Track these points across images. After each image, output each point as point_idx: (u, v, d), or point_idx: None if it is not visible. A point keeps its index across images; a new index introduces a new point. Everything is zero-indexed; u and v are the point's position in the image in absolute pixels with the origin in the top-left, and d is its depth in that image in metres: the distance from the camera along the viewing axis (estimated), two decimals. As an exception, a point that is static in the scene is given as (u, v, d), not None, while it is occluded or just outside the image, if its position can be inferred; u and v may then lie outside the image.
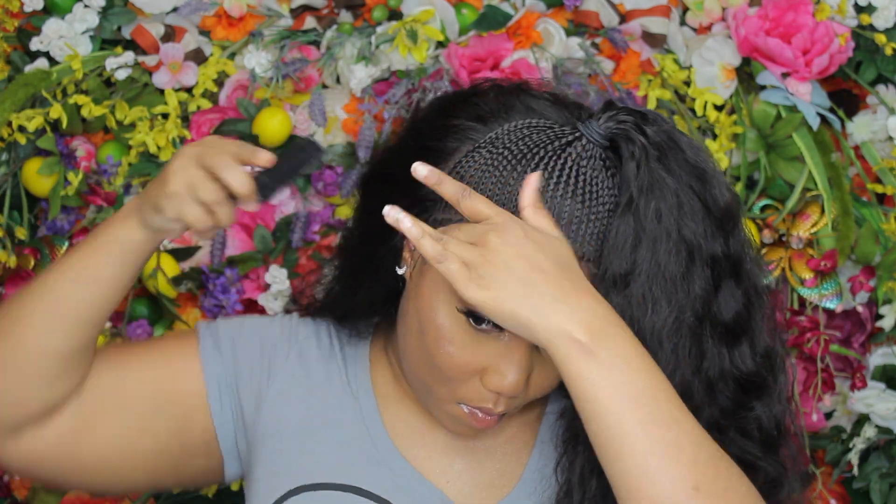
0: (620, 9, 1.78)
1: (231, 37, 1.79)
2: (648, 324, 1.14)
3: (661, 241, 1.13)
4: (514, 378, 1.17)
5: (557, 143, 1.16)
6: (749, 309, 1.20)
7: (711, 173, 1.17)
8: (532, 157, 1.15)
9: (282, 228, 1.78)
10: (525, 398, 1.21)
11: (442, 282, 1.16)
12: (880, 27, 1.77)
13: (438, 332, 1.17)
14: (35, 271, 1.74)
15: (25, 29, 1.78)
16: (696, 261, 1.15)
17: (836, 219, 1.77)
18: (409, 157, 1.20)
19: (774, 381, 1.23)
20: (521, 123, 1.19)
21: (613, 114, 1.18)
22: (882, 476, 1.83)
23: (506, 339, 1.17)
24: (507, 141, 1.17)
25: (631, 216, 1.13)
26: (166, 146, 1.75)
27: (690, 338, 1.16)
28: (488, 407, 1.20)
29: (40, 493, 1.83)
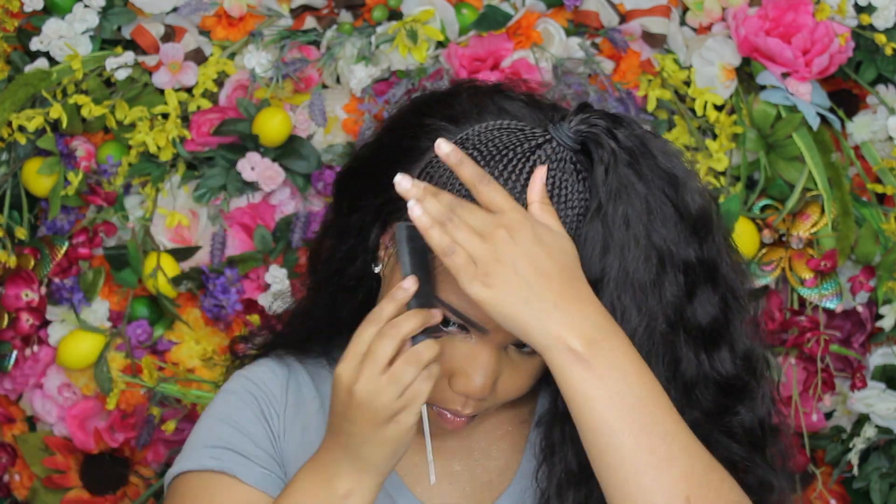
0: (620, 9, 1.78)
1: (231, 37, 1.79)
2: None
3: (630, 247, 1.11)
4: (481, 381, 1.15)
5: (527, 144, 1.14)
6: (727, 313, 1.18)
7: (684, 179, 1.14)
8: (500, 159, 1.13)
9: (282, 228, 1.78)
10: (495, 400, 1.20)
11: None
12: (880, 27, 1.77)
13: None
14: (35, 271, 1.74)
15: (25, 29, 1.78)
16: (668, 267, 1.13)
17: (836, 219, 1.77)
18: (385, 156, 1.19)
19: (757, 383, 1.21)
20: (492, 125, 1.17)
21: (586, 117, 1.15)
22: (882, 476, 1.83)
23: (472, 342, 1.16)
24: (476, 142, 1.15)
25: (599, 222, 1.11)
26: (166, 146, 1.75)
27: (663, 345, 1.14)
28: (456, 409, 1.18)
29: (40, 493, 1.83)
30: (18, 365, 1.79)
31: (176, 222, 1.77)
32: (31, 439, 1.84)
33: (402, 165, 1.17)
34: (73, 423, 1.79)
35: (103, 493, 1.84)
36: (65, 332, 1.77)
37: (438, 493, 1.27)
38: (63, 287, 1.75)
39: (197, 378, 1.77)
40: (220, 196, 1.77)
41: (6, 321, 1.75)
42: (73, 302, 1.76)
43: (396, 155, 1.18)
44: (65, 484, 1.83)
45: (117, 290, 1.78)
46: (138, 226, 1.77)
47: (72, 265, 1.74)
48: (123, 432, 1.79)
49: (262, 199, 1.78)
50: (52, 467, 1.82)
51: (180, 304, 1.78)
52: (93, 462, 1.83)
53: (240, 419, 1.26)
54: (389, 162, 1.19)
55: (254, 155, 1.75)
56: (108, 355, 1.77)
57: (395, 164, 1.18)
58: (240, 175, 1.75)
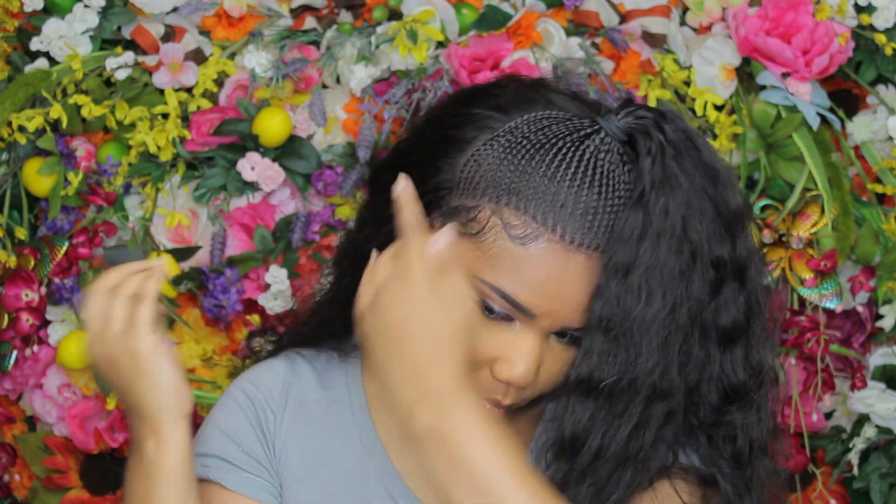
0: (620, 9, 1.78)
1: (231, 37, 1.79)
2: (640, 315, 1.14)
3: (665, 236, 1.14)
4: (524, 368, 1.17)
5: (576, 134, 1.17)
6: (749, 318, 1.20)
7: (725, 176, 1.17)
8: (550, 148, 1.16)
9: (282, 228, 1.78)
10: (534, 390, 1.21)
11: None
12: (880, 27, 1.77)
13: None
14: (35, 271, 1.74)
15: (25, 29, 1.78)
16: (698, 262, 1.15)
17: (836, 219, 1.77)
18: (427, 147, 1.20)
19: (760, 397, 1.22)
20: (541, 115, 1.19)
21: (633, 110, 1.18)
22: (882, 476, 1.83)
23: (517, 328, 1.17)
24: (526, 131, 1.18)
25: (640, 210, 1.14)
26: (166, 146, 1.75)
27: (681, 337, 1.16)
28: (497, 399, 1.20)
29: (40, 493, 1.83)
30: (18, 365, 1.79)
31: (176, 222, 1.77)
32: (31, 439, 1.84)
33: (447, 156, 1.19)
34: (73, 423, 1.79)
35: (103, 493, 1.84)
36: (65, 332, 1.77)
37: None
38: (63, 287, 1.75)
39: (197, 378, 1.77)
40: (220, 196, 1.77)
41: (6, 321, 1.75)
42: (73, 302, 1.76)
43: (441, 146, 1.20)
44: (65, 484, 1.83)
45: (117, 290, 1.78)
46: (138, 226, 1.77)
47: (72, 265, 1.74)
48: (123, 432, 1.79)
49: (262, 199, 1.78)
50: (52, 467, 1.82)
51: (180, 304, 1.78)
52: (93, 462, 1.83)
53: (231, 425, 1.28)
54: (433, 153, 1.21)
55: (254, 155, 1.75)
56: (108, 355, 1.77)
57: (439, 154, 1.20)
58: (240, 175, 1.75)
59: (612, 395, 1.16)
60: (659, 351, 1.15)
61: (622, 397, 1.16)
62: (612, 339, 1.15)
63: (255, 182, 1.76)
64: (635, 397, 1.16)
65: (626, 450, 1.17)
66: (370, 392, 1.30)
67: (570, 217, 1.14)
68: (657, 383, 1.15)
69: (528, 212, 1.14)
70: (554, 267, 1.14)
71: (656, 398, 1.16)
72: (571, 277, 1.15)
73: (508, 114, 1.20)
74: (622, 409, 1.16)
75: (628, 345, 1.14)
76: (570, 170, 1.15)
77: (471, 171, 1.18)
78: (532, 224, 1.14)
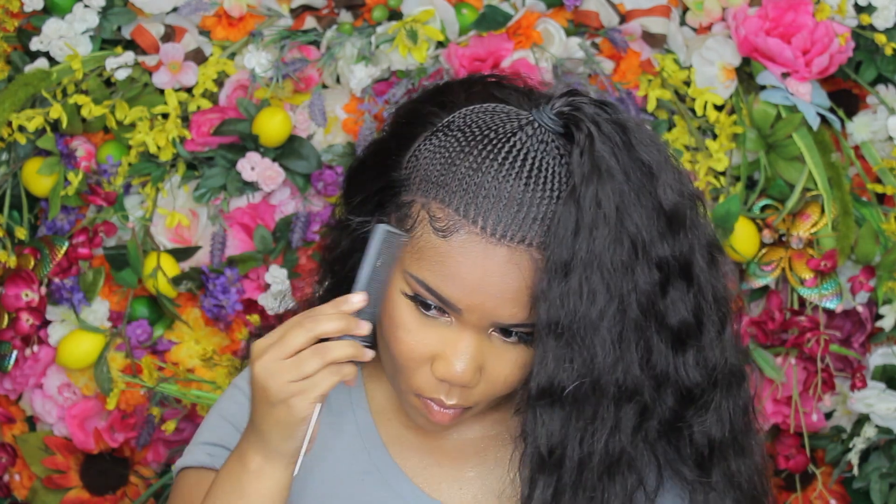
0: (620, 9, 1.78)
1: (231, 37, 1.79)
2: (586, 315, 1.12)
3: (599, 228, 1.11)
4: (461, 366, 1.15)
5: (509, 125, 1.15)
6: (699, 317, 1.17)
7: (658, 171, 1.14)
8: (481, 140, 1.14)
9: (282, 228, 1.78)
10: (484, 392, 1.19)
11: (398, 268, 1.16)
12: (880, 27, 1.77)
13: (391, 319, 1.17)
14: (35, 271, 1.74)
15: (25, 29, 1.78)
16: (640, 255, 1.13)
17: (836, 219, 1.77)
18: (384, 146, 1.22)
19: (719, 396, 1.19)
20: (478, 108, 1.18)
21: (570, 100, 1.15)
22: (882, 476, 1.83)
23: (453, 327, 1.16)
24: (460, 124, 1.17)
25: (572, 203, 1.11)
26: (166, 146, 1.75)
27: (635, 331, 1.13)
28: (440, 398, 1.18)
29: (40, 493, 1.83)
30: (18, 365, 1.79)
31: (176, 222, 1.77)
32: (31, 439, 1.84)
33: (398, 154, 1.19)
34: (73, 423, 1.79)
35: (103, 493, 1.84)
36: (65, 332, 1.77)
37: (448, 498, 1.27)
38: (63, 287, 1.75)
39: (197, 378, 1.77)
40: (220, 196, 1.77)
41: (6, 321, 1.75)
42: (73, 302, 1.76)
43: (393, 143, 1.21)
44: (65, 484, 1.83)
45: (117, 290, 1.78)
46: (138, 226, 1.77)
47: (72, 265, 1.74)
48: (123, 432, 1.79)
49: (262, 199, 1.78)
50: (52, 467, 1.82)
51: (180, 304, 1.78)
52: (93, 462, 1.83)
53: (236, 414, 1.27)
54: (387, 151, 1.21)
55: (254, 155, 1.75)
56: (108, 355, 1.77)
57: (391, 152, 1.20)
58: (240, 175, 1.75)
59: (577, 400, 1.14)
60: (615, 348, 1.12)
61: (589, 401, 1.14)
62: (565, 342, 1.12)
63: (255, 182, 1.76)
64: (602, 399, 1.14)
65: (608, 455, 1.15)
66: (371, 393, 1.30)
67: (493, 209, 1.12)
68: (621, 382, 1.13)
69: (452, 204, 1.13)
70: (474, 260, 1.13)
71: (624, 397, 1.14)
72: (494, 270, 1.13)
73: (447, 109, 1.20)
74: (592, 414, 1.14)
75: (582, 346, 1.12)
76: (496, 161, 1.13)
77: (410, 168, 1.18)
78: (454, 216, 1.13)
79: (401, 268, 1.16)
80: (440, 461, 1.28)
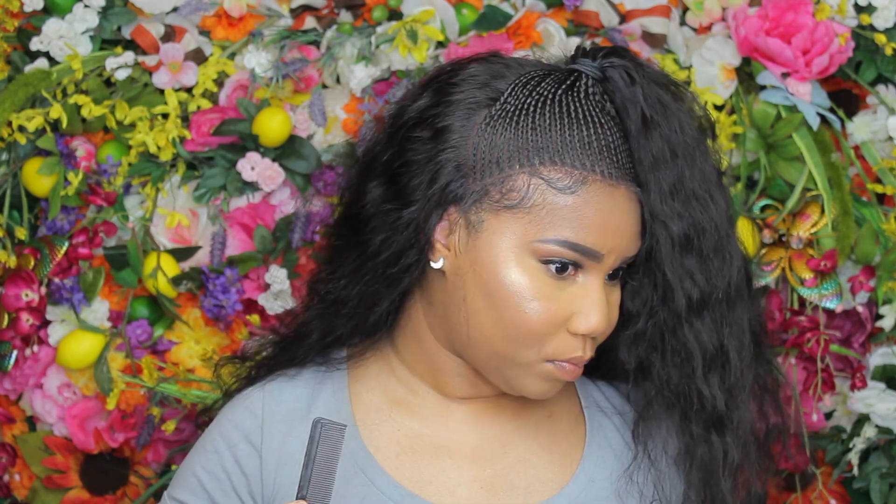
0: (620, 9, 1.78)
1: (231, 37, 1.79)
2: (709, 219, 1.22)
3: (686, 147, 1.22)
4: (599, 316, 1.21)
5: (564, 84, 1.22)
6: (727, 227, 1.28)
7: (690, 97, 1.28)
8: (550, 102, 1.21)
9: (282, 228, 1.78)
10: (602, 337, 1.26)
11: (509, 245, 1.20)
12: (880, 27, 1.77)
13: (518, 293, 1.20)
14: (35, 271, 1.74)
15: (25, 29, 1.78)
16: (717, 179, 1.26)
17: (836, 219, 1.77)
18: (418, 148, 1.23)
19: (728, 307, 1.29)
20: (521, 80, 1.24)
21: (598, 52, 1.25)
22: (882, 476, 1.83)
23: (579, 281, 1.22)
24: (519, 97, 1.22)
25: (657, 133, 1.21)
26: (166, 146, 1.75)
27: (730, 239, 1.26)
28: (578, 355, 1.23)
29: (40, 493, 1.83)
30: (18, 365, 1.79)
31: (176, 222, 1.77)
32: (31, 439, 1.84)
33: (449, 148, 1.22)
34: (73, 423, 1.79)
35: (103, 493, 1.84)
36: (65, 332, 1.77)
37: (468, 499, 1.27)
38: (63, 287, 1.75)
39: (197, 378, 1.77)
40: (220, 196, 1.77)
41: (6, 321, 1.75)
42: (73, 302, 1.76)
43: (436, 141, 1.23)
44: (65, 484, 1.83)
45: (117, 290, 1.78)
46: (138, 226, 1.77)
47: (72, 265, 1.74)
48: (123, 432, 1.79)
49: (262, 199, 1.78)
50: (52, 467, 1.82)
51: (180, 304, 1.78)
52: (93, 462, 1.83)
53: (204, 471, 1.30)
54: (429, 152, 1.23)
55: (254, 155, 1.75)
56: (108, 355, 1.77)
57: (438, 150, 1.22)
58: (240, 175, 1.75)
59: (724, 301, 1.24)
60: (730, 248, 1.24)
61: (730, 304, 1.25)
62: (697, 253, 1.22)
63: (255, 182, 1.76)
64: (736, 300, 1.25)
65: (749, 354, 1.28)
66: (355, 400, 1.30)
67: (600, 155, 1.20)
68: (738, 283, 1.25)
69: (566, 162, 1.19)
70: (606, 204, 1.20)
71: (741, 298, 1.26)
72: (623, 209, 1.21)
73: (489, 90, 1.23)
74: (734, 316, 1.25)
75: (714, 255, 1.23)
76: (578, 115, 1.20)
77: (484, 152, 1.20)
78: (574, 172, 1.19)
79: (520, 242, 1.20)
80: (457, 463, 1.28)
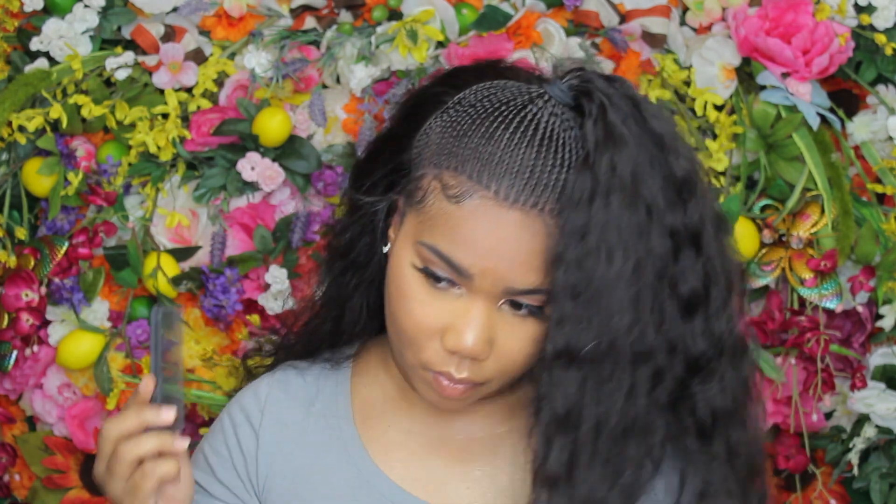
0: (620, 9, 1.78)
1: (231, 37, 1.79)
2: (604, 276, 1.12)
3: (615, 192, 1.12)
4: (472, 336, 1.15)
5: (520, 98, 1.17)
6: (707, 285, 1.18)
7: (671, 141, 1.16)
8: (493, 112, 1.16)
9: (282, 228, 1.78)
10: (497, 368, 1.19)
11: (406, 240, 1.18)
12: (880, 27, 1.77)
13: (400, 291, 1.18)
14: (35, 271, 1.74)
15: (25, 29, 1.78)
16: (654, 220, 1.14)
17: (836, 219, 1.77)
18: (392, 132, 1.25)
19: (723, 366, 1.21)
20: (489, 84, 1.21)
21: (579, 74, 1.19)
22: (882, 476, 1.83)
23: (464, 297, 1.16)
24: (472, 100, 1.19)
25: (587, 170, 1.13)
26: (166, 146, 1.75)
27: (650, 294, 1.14)
28: (450, 371, 1.18)
29: (40, 493, 1.83)
30: (18, 365, 1.79)
31: (176, 222, 1.77)
32: (31, 439, 1.84)
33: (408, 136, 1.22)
34: (73, 423, 1.79)
35: (103, 494, 1.83)
36: (65, 332, 1.77)
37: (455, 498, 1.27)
38: (63, 287, 1.75)
39: (197, 378, 1.77)
40: (220, 196, 1.77)
41: (6, 321, 1.75)
42: (73, 302, 1.76)
43: (402, 124, 1.23)
44: (65, 484, 1.83)
45: (117, 290, 1.78)
46: (138, 226, 1.77)
47: (72, 265, 1.74)
48: (123, 432, 1.79)
49: (262, 199, 1.78)
50: (52, 467, 1.82)
51: (180, 304, 1.78)
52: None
53: (212, 451, 1.30)
54: (395, 136, 1.24)
55: (254, 155, 1.75)
56: (108, 355, 1.77)
57: (402, 135, 1.22)
58: (240, 175, 1.75)
59: (594, 361, 1.14)
60: (631, 309, 1.13)
61: (605, 362, 1.14)
62: (582, 304, 1.13)
63: (255, 182, 1.76)
64: (618, 361, 1.14)
65: (623, 418, 1.16)
66: (357, 403, 1.30)
67: (506, 174, 1.13)
68: (636, 344, 1.14)
69: (465, 171, 1.14)
70: (487, 224, 1.14)
71: (639, 360, 1.15)
72: (507, 234, 1.14)
73: (459, 88, 1.22)
74: (609, 374, 1.14)
75: (599, 307, 1.13)
76: (508, 130, 1.15)
77: (421, 146, 1.20)
78: (466, 182, 1.14)
79: (411, 240, 1.17)
80: (446, 462, 1.28)
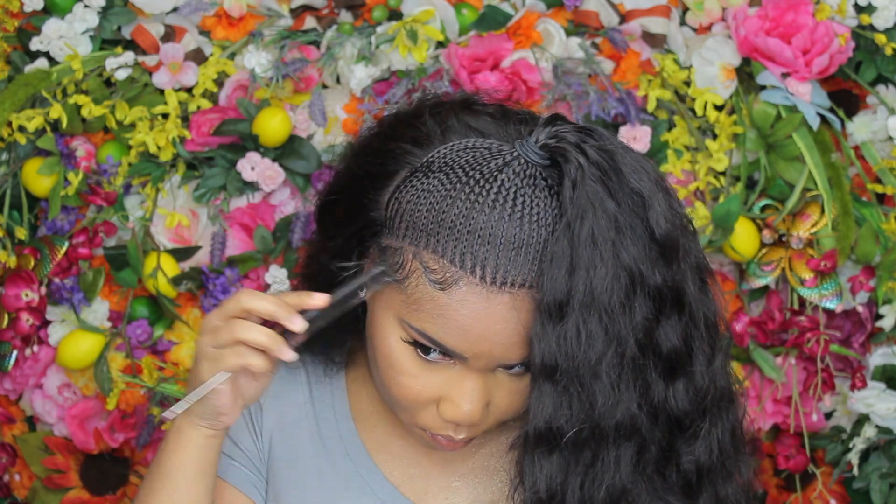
0: (620, 9, 1.78)
1: (231, 37, 1.79)
2: (585, 359, 1.08)
3: (596, 267, 1.07)
4: (469, 408, 1.13)
5: (493, 163, 1.11)
6: (690, 344, 1.13)
7: (650, 199, 1.09)
8: (466, 181, 1.10)
9: (282, 228, 1.78)
10: (491, 422, 1.18)
11: (389, 312, 1.14)
12: (880, 27, 1.77)
13: (389, 363, 1.15)
14: (35, 271, 1.74)
15: (25, 29, 1.78)
16: (638, 288, 1.09)
17: (836, 219, 1.77)
18: (356, 181, 1.18)
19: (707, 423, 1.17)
20: (457, 145, 1.14)
21: (554, 130, 1.11)
22: (882, 476, 1.83)
23: (457, 368, 1.13)
24: (441, 164, 1.13)
25: (566, 240, 1.07)
26: (166, 146, 1.75)
27: (633, 370, 1.10)
28: (449, 434, 1.17)
29: (40, 493, 1.83)
30: (18, 365, 1.79)
31: (176, 222, 1.77)
32: (31, 439, 1.84)
33: (374, 192, 1.16)
34: (73, 423, 1.79)
35: (103, 493, 1.84)
36: (65, 332, 1.77)
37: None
38: (63, 287, 1.75)
39: (197, 378, 1.77)
40: (220, 196, 1.77)
41: (6, 321, 1.75)
42: (73, 302, 1.76)
43: (366, 181, 1.17)
44: (65, 484, 1.83)
45: (117, 290, 1.78)
46: (138, 226, 1.77)
47: (72, 265, 1.74)
48: (123, 432, 1.79)
49: (262, 199, 1.78)
50: (52, 467, 1.82)
51: (180, 304, 1.78)
52: (93, 462, 1.83)
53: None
54: (361, 188, 1.17)
55: (254, 155, 1.75)
56: (108, 355, 1.77)
57: (367, 190, 1.17)
58: (240, 175, 1.75)
59: (577, 445, 1.11)
60: (614, 391, 1.09)
61: (588, 446, 1.11)
62: (562, 387, 1.09)
63: (255, 182, 1.76)
64: (602, 443, 1.11)
65: (609, 496, 1.13)
66: (354, 402, 1.30)
67: (490, 255, 1.08)
68: (621, 423, 1.10)
69: (446, 255, 1.09)
70: (476, 310, 1.10)
71: (623, 438, 1.11)
72: (498, 318, 1.10)
73: (424, 147, 1.15)
74: (592, 458, 1.11)
75: (580, 391, 1.09)
76: (486, 205, 1.09)
77: (392, 211, 1.14)
78: (450, 268, 1.09)
79: (396, 315, 1.13)
80: (428, 470, 1.27)
